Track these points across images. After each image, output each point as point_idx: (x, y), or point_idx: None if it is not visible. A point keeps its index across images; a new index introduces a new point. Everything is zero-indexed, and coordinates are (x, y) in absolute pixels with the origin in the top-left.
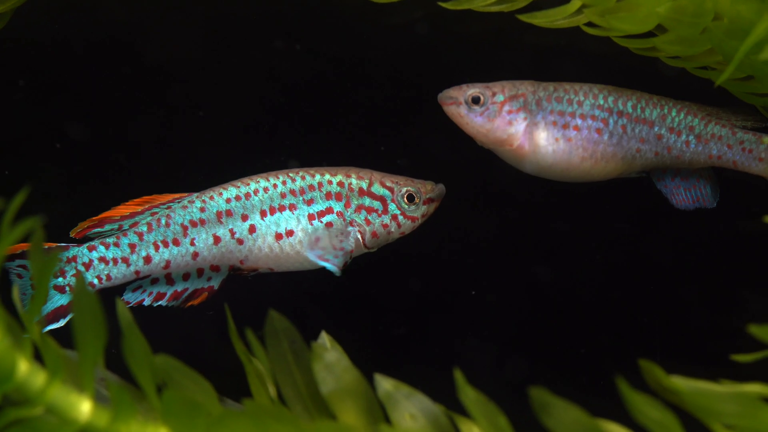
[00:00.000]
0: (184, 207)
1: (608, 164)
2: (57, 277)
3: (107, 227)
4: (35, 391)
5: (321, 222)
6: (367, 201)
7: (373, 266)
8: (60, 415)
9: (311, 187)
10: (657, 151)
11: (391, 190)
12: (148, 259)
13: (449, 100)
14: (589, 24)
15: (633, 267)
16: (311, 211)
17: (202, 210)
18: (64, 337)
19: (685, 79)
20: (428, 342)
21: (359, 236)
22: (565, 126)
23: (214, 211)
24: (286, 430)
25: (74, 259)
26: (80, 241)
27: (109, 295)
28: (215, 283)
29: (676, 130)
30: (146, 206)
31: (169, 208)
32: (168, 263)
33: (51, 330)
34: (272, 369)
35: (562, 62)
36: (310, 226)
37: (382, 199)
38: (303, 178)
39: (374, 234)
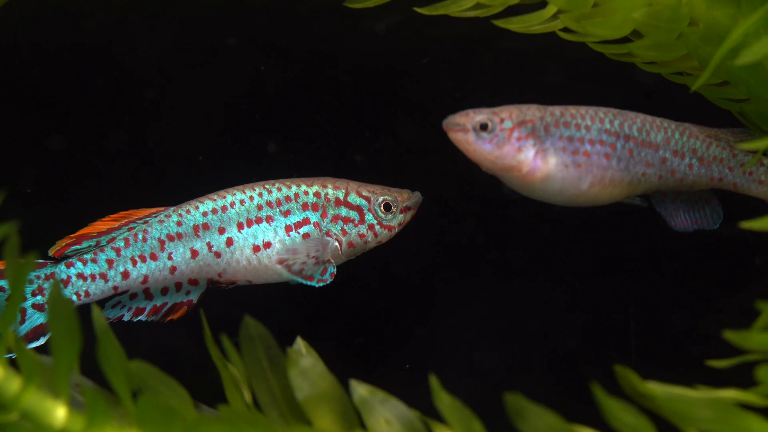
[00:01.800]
0: (161, 221)
1: (615, 189)
2: (35, 295)
3: (85, 244)
4: (10, 396)
5: (298, 233)
6: (344, 211)
7: (349, 273)
8: (35, 421)
9: (287, 199)
10: (661, 175)
11: (367, 199)
12: (125, 275)
13: (456, 127)
14: (565, 29)
15: (609, 272)
16: (288, 223)
17: (178, 224)
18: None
19: (661, 84)
20: (404, 348)
21: (336, 246)
22: (575, 152)
23: (191, 224)
24: None
25: (52, 276)
26: (58, 260)
27: (86, 304)
28: (194, 297)
29: (680, 153)
30: (123, 221)
31: (146, 222)
32: (146, 278)
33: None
34: (248, 375)
35: (538, 67)
36: (287, 238)
37: (358, 209)
38: (279, 189)
39: (351, 244)
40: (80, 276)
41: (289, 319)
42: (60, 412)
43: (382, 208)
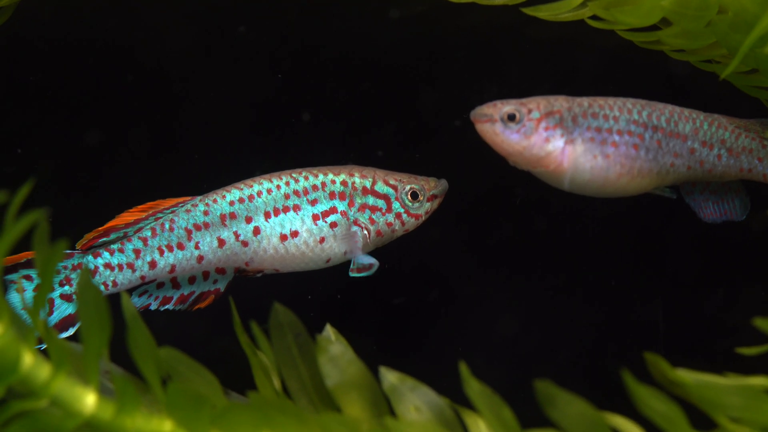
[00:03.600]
0: (188, 211)
1: (643, 180)
2: (63, 285)
3: (113, 236)
4: (40, 383)
5: (325, 222)
6: (371, 200)
7: (378, 260)
8: (64, 408)
9: (314, 187)
10: (690, 165)
11: (394, 188)
12: (153, 264)
13: (483, 118)
14: (594, 17)
15: (637, 261)
16: (315, 212)
17: (205, 213)
18: None
19: (691, 73)
20: (433, 335)
21: (365, 235)
22: (603, 142)
23: (218, 214)
24: (291, 422)
25: (80, 266)
26: (85, 252)
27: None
28: (221, 286)
29: (708, 144)
30: (150, 212)
31: (172, 212)
32: (173, 267)
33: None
34: (277, 362)
35: (566, 56)
36: (314, 227)
37: (385, 198)
38: (306, 178)
39: (378, 233)
40: (107, 266)
41: (317, 306)
42: (89, 399)
43: (409, 196)
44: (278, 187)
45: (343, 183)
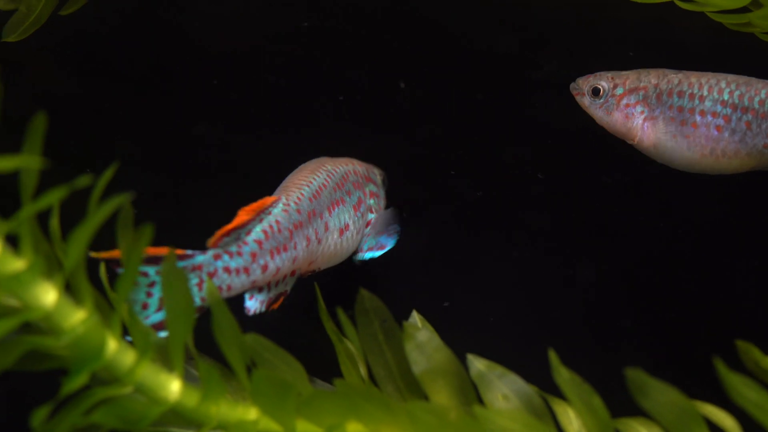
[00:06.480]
0: (285, 210)
1: (732, 160)
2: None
3: (233, 236)
4: (124, 370)
5: (359, 213)
6: (373, 187)
7: (462, 248)
8: (149, 395)
9: (344, 179)
10: None
11: (374, 174)
12: (264, 268)
13: (575, 90)
14: None
15: (730, 249)
16: (353, 203)
17: (298, 212)
18: None
19: None
20: (520, 322)
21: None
22: (683, 122)
23: (306, 211)
24: (377, 410)
25: (200, 267)
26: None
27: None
28: (288, 287)
29: None
30: (258, 211)
31: (269, 213)
32: (278, 270)
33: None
34: (363, 349)
35: (655, 37)
36: (356, 218)
37: (375, 183)
38: (335, 170)
39: None
40: (226, 269)
41: (401, 292)
42: (174, 386)
43: (384, 181)
44: (327, 180)
45: (356, 173)
